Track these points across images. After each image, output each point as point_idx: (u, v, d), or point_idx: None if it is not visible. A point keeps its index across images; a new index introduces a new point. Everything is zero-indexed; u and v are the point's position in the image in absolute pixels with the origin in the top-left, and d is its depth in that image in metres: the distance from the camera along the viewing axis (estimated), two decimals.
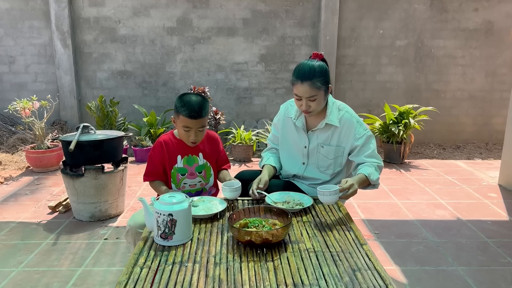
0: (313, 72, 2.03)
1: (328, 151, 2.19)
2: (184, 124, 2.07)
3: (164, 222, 1.55)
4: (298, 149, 2.27)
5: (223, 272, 1.39)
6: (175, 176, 2.21)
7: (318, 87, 2.04)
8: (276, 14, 5.90)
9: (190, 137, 2.11)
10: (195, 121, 2.05)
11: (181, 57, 5.98)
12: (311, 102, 2.07)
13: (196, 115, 2.04)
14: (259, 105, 6.18)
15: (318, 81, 2.03)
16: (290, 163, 2.32)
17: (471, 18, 5.97)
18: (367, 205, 3.60)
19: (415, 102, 5.93)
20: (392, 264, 2.58)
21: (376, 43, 6.04)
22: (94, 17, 5.82)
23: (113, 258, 2.66)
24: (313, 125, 2.22)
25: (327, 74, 2.09)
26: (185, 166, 2.20)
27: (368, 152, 2.16)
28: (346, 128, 2.15)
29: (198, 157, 2.23)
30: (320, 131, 2.19)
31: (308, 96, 2.05)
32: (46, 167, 4.54)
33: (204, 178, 2.26)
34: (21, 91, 5.94)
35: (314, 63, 2.06)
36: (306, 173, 2.27)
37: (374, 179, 2.10)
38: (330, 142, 2.18)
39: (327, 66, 2.12)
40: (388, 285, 1.30)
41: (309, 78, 2.03)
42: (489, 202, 3.69)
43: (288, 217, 1.63)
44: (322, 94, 2.07)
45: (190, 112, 2.03)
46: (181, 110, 2.05)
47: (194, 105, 2.04)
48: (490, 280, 2.40)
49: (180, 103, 2.07)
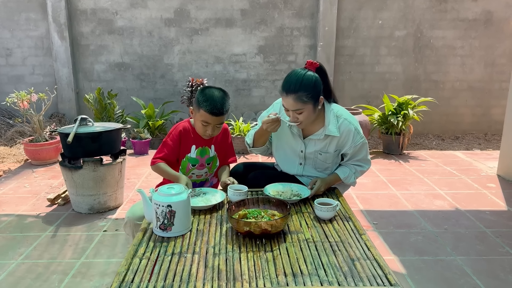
0: (299, 85, 1.92)
1: (326, 157, 2.17)
2: (204, 119, 2.03)
3: (163, 213, 1.55)
4: (294, 153, 2.24)
5: (222, 263, 1.39)
6: (185, 165, 2.20)
7: (304, 102, 1.93)
8: (274, 4, 5.86)
9: (207, 131, 2.07)
10: (216, 118, 2.02)
11: (179, 49, 5.95)
12: (298, 115, 1.98)
13: (217, 112, 2.00)
14: (258, 97, 6.17)
15: (304, 95, 1.92)
16: (287, 164, 2.30)
17: (470, 8, 5.94)
18: (366, 196, 3.61)
19: (414, 93, 5.92)
20: (391, 254, 2.59)
21: (375, 34, 6.01)
22: (91, 8, 5.77)
23: (113, 249, 2.67)
24: (310, 131, 2.15)
25: (317, 87, 1.96)
26: (197, 157, 2.19)
27: (356, 158, 2.18)
28: (345, 135, 2.09)
29: (210, 149, 2.22)
30: (319, 140, 2.13)
31: (293, 109, 1.96)
32: (44, 160, 4.53)
33: (210, 169, 2.27)
34: (18, 84, 5.91)
35: (303, 75, 1.94)
36: (304, 172, 2.26)
37: (349, 182, 2.20)
38: (328, 150, 2.15)
39: (318, 77, 1.98)
40: (387, 275, 1.30)
41: (294, 91, 1.92)
42: (488, 192, 3.70)
43: (287, 208, 1.63)
44: (309, 107, 1.96)
45: (213, 108, 1.99)
46: (203, 105, 2.00)
47: (217, 102, 1.99)
48: (489, 270, 2.41)
49: (203, 97, 2.00)
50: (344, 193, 2.41)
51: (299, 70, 1.99)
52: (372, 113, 5.28)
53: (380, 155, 5.06)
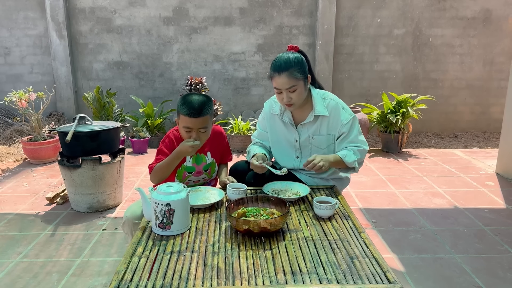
0: (289, 63, 2.03)
1: (320, 141, 2.20)
2: (185, 124, 1.98)
3: (162, 212, 1.55)
4: (290, 144, 2.27)
5: (221, 261, 1.39)
6: (181, 173, 2.17)
7: (296, 77, 2.04)
8: (273, 3, 5.85)
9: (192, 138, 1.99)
10: (195, 120, 1.96)
11: (178, 47, 5.94)
12: (292, 94, 2.06)
13: (195, 113, 1.94)
14: (257, 96, 6.16)
15: (296, 70, 2.03)
16: (284, 159, 2.31)
17: (469, 6, 5.94)
18: (364, 194, 3.61)
19: (413, 91, 5.92)
20: (390, 253, 2.60)
21: (374, 32, 6.00)
22: (90, 7, 5.76)
23: (111, 248, 2.66)
24: (301, 118, 2.22)
25: (304, 64, 2.08)
26: (193, 165, 2.17)
27: (350, 138, 2.18)
28: (333, 115, 2.17)
29: (206, 156, 2.20)
30: (310, 123, 2.19)
31: (287, 87, 2.04)
32: (43, 159, 4.52)
33: (209, 175, 2.25)
34: (17, 82, 5.90)
35: (290, 55, 2.06)
36: (301, 164, 2.25)
37: (349, 161, 2.11)
38: (320, 132, 2.19)
39: (303, 57, 2.10)
40: (386, 272, 1.30)
41: (286, 69, 2.02)
42: (487, 191, 3.70)
43: (286, 206, 1.63)
44: (301, 84, 2.07)
45: (190, 109, 1.94)
46: (181, 108, 1.97)
47: (194, 104, 1.95)
48: (487, 268, 2.42)
49: (181, 102, 1.99)
50: (343, 191, 2.42)
51: (284, 53, 2.10)
52: (371, 112, 5.28)
53: (379, 153, 5.06)
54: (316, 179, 2.29)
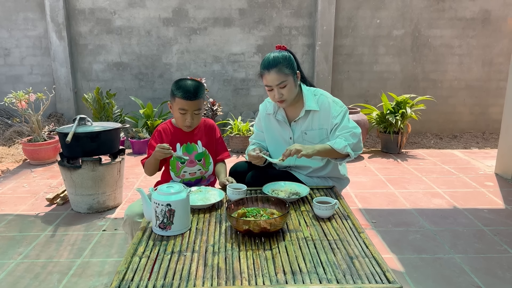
0: (277, 60, 2.10)
1: (313, 136, 2.22)
2: (180, 106, 2.10)
3: (163, 212, 1.56)
4: (285, 141, 2.30)
5: (221, 261, 1.39)
6: (174, 164, 2.23)
7: (285, 73, 2.10)
8: (272, 4, 5.86)
9: (186, 120, 2.13)
10: (191, 103, 2.09)
11: (178, 48, 5.95)
12: (282, 90, 2.12)
13: (191, 96, 2.08)
14: (256, 96, 6.17)
15: (284, 66, 2.09)
16: (280, 156, 2.32)
17: (468, 7, 5.95)
18: (364, 195, 3.62)
19: (412, 92, 5.93)
20: (389, 253, 2.60)
21: (373, 33, 6.01)
22: (89, 8, 5.77)
23: (112, 249, 2.67)
24: (294, 116, 2.27)
25: (292, 60, 2.15)
26: (184, 154, 2.22)
27: (341, 126, 2.18)
28: (324, 109, 2.20)
29: (197, 144, 2.26)
30: (302, 119, 2.23)
31: (277, 83, 2.10)
32: (43, 160, 4.53)
33: (204, 166, 2.27)
34: (16, 83, 5.90)
35: (278, 53, 2.14)
36: (298, 162, 2.29)
37: (339, 147, 2.09)
38: (312, 127, 2.23)
39: (291, 55, 2.18)
40: (385, 272, 1.31)
41: (274, 65, 2.09)
42: (486, 191, 3.71)
43: (286, 206, 1.64)
44: (291, 80, 2.13)
45: (186, 93, 2.07)
46: (177, 92, 2.09)
47: (190, 87, 2.09)
48: (487, 267, 2.42)
49: (176, 86, 2.12)
50: (342, 192, 2.43)
51: (272, 52, 2.17)
52: (370, 112, 5.29)
53: (379, 154, 5.07)
54: (315, 179, 2.30)
